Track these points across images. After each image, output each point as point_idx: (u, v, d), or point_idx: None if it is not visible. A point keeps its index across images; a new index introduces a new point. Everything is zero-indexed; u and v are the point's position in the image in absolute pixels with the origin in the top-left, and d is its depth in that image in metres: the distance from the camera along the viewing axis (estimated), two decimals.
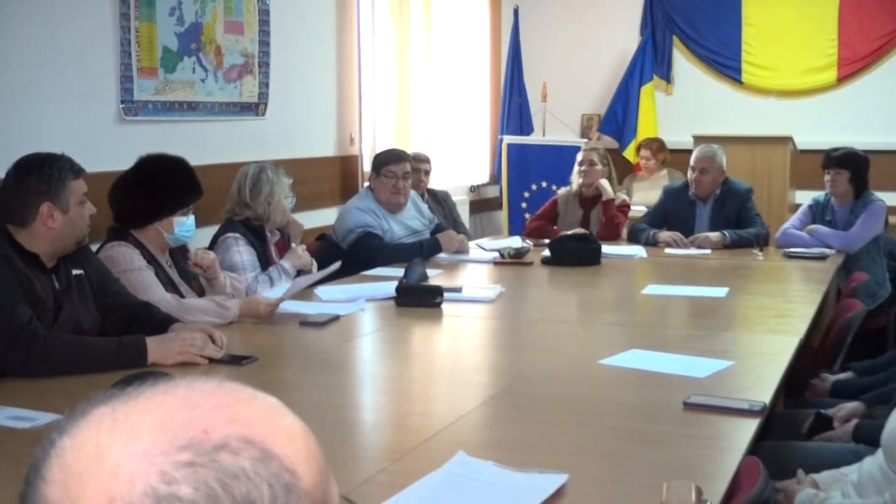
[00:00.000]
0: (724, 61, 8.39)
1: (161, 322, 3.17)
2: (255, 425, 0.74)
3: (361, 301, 3.96)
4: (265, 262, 4.28)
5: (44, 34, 4.29)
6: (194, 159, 3.88)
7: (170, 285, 3.60)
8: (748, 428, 2.41)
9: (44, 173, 2.96)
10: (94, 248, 3.41)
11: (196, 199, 3.70)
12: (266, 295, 3.82)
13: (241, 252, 4.16)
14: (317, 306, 3.87)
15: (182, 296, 3.61)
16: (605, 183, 6.03)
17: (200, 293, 3.77)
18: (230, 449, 0.71)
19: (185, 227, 3.65)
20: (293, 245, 4.59)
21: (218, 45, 5.33)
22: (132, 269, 3.43)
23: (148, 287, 3.42)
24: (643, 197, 7.32)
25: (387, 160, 5.34)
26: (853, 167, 5.60)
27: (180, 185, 3.66)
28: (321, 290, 4.17)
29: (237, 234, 4.20)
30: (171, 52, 5.02)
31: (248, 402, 0.77)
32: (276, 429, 0.75)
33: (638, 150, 7.97)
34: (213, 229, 4.50)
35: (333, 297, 4.09)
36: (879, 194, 5.74)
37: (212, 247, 4.31)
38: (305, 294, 4.09)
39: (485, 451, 2.22)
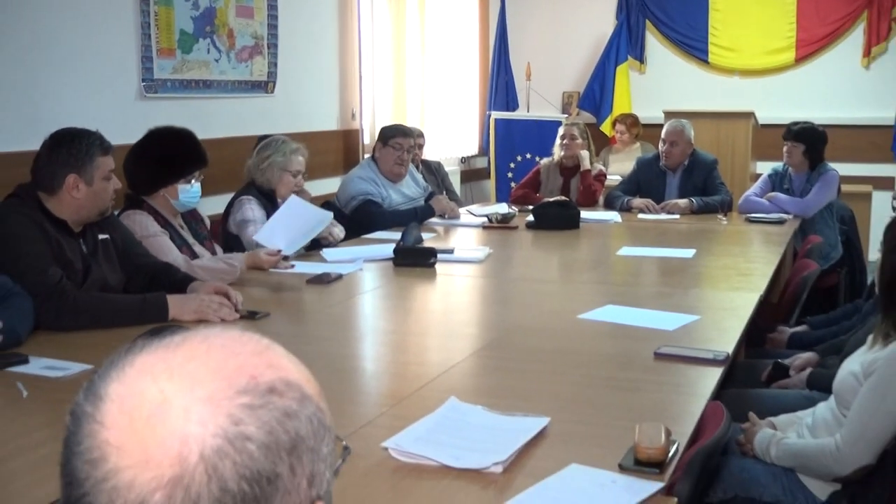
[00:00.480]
0: (693, 43, 8.38)
1: (180, 281, 3.17)
2: (286, 369, 0.76)
3: (360, 261, 3.97)
4: None
5: (71, 19, 4.29)
6: (208, 133, 3.87)
7: (184, 246, 3.60)
8: (713, 376, 2.42)
9: (73, 147, 2.95)
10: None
11: (199, 168, 3.65)
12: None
13: (253, 209, 4.14)
14: (322, 266, 3.87)
15: (195, 255, 3.62)
16: (583, 154, 6.02)
17: (213, 252, 3.78)
18: (278, 392, 0.73)
19: (189, 193, 3.62)
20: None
21: (230, 27, 5.33)
22: (148, 235, 3.43)
23: (161, 251, 3.42)
24: (618, 167, 7.32)
25: (395, 133, 5.34)
26: (808, 141, 5.60)
27: (183, 155, 3.63)
28: (326, 252, 4.19)
29: (250, 196, 4.19)
30: (188, 35, 5.01)
31: (272, 349, 0.78)
32: (300, 372, 0.78)
33: (614, 124, 7.98)
34: (228, 196, 4.51)
35: (337, 258, 4.10)
36: (834, 165, 5.74)
37: (228, 209, 4.32)
38: (311, 255, 4.11)
39: (474, 396, 2.23)
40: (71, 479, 0.70)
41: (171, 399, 0.70)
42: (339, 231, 4.53)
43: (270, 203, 4.27)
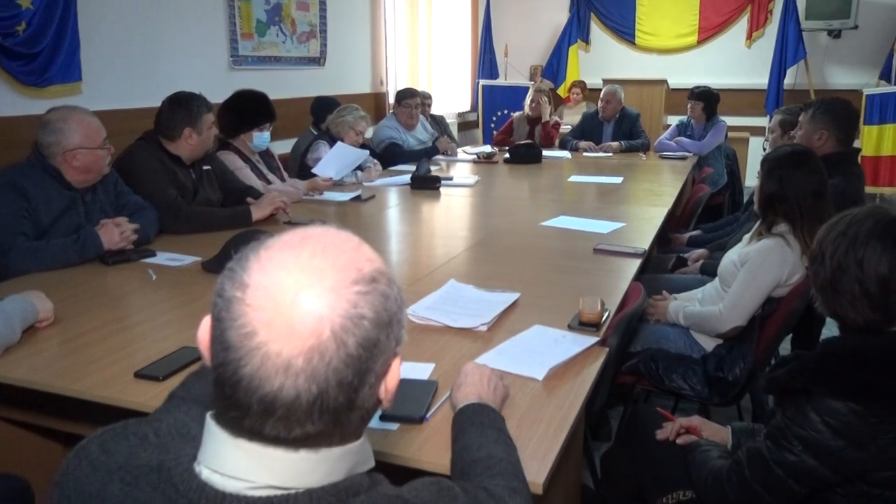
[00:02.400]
0: (624, 30, 8.17)
1: (257, 198, 3.15)
2: (376, 261, 0.74)
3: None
4: None
5: (181, 11, 4.23)
6: (278, 95, 3.79)
7: (261, 175, 3.57)
8: (634, 264, 2.43)
9: (189, 107, 2.92)
10: None
11: (268, 121, 3.54)
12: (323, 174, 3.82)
13: (325, 150, 4.10)
14: (360, 189, 3.87)
15: (270, 182, 3.59)
16: (545, 110, 5.94)
17: (282, 180, 3.74)
18: (377, 280, 0.71)
19: (261, 139, 3.54)
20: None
21: (293, 18, 5.25)
22: (235, 168, 3.39)
23: (245, 179, 3.39)
24: (571, 119, 7.18)
25: (405, 96, 5.24)
26: (705, 100, 5.51)
27: (256, 110, 3.53)
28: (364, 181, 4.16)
29: (324, 142, 4.14)
30: (262, 23, 4.94)
31: (363, 245, 0.76)
32: (381, 262, 0.75)
33: (570, 87, 7.80)
34: (293, 140, 4.49)
35: (371, 184, 4.09)
36: (723, 117, 5.65)
37: (296, 148, 4.27)
38: (354, 184, 4.08)
39: (467, 278, 2.23)
40: (227, 346, 0.68)
41: (307, 288, 0.68)
42: (378, 169, 4.47)
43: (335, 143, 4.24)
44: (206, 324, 0.73)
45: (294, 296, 0.67)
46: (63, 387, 1.53)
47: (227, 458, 0.71)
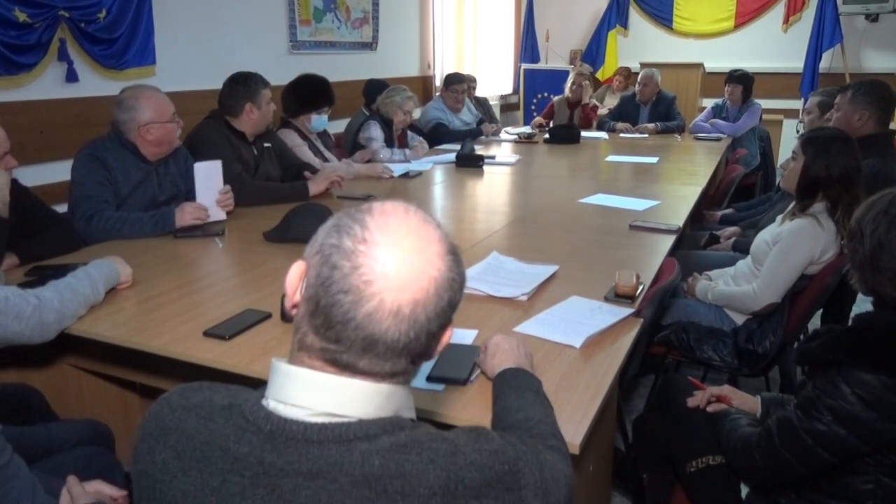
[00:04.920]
0: (662, 15, 7.88)
1: (314, 174, 3.16)
2: (445, 235, 0.81)
3: (429, 164, 3.95)
4: (390, 142, 4.23)
5: (243, 1, 4.19)
6: (333, 77, 3.78)
7: (318, 153, 3.58)
8: (668, 241, 2.37)
9: (247, 84, 2.95)
10: None
11: (327, 104, 3.54)
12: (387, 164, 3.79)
13: (376, 130, 4.10)
14: (409, 166, 3.85)
15: (326, 159, 3.60)
16: (586, 92, 5.82)
17: (338, 158, 3.75)
18: (455, 252, 0.80)
19: (319, 121, 3.56)
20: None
21: (347, 5, 5.20)
22: (294, 145, 3.41)
23: (303, 156, 3.41)
24: (612, 103, 7.02)
25: (453, 81, 5.20)
26: (744, 83, 5.34)
27: (316, 94, 3.53)
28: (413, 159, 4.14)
29: (375, 122, 4.13)
30: (319, 10, 4.91)
31: (432, 220, 0.82)
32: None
33: (615, 74, 7.59)
34: (346, 120, 4.47)
35: (421, 161, 4.07)
36: (758, 100, 5.46)
37: (349, 128, 4.27)
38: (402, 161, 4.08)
39: (509, 251, 2.21)
40: (347, 289, 0.73)
41: (420, 250, 0.75)
42: (425, 148, 4.46)
43: (388, 126, 4.22)
44: (299, 267, 0.78)
45: (411, 255, 0.75)
46: (141, 343, 1.57)
47: (291, 389, 0.76)
